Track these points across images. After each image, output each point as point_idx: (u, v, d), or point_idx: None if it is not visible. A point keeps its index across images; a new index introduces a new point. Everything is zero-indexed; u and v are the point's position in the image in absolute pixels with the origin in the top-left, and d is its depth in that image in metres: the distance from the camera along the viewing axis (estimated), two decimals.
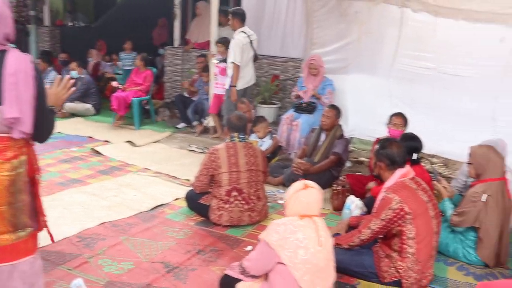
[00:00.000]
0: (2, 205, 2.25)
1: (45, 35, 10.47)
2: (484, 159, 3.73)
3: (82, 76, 8.40)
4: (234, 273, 2.86)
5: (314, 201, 2.76)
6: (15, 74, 2.17)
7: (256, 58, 6.60)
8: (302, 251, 2.63)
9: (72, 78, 7.71)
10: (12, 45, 2.34)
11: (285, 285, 2.67)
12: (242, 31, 6.37)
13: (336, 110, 5.35)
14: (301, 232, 2.66)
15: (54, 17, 11.39)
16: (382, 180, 3.46)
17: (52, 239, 2.60)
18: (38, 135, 2.34)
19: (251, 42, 6.42)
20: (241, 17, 6.40)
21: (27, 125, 2.22)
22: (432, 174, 4.42)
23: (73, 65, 8.47)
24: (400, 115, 4.91)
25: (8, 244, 2.29)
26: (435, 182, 4.16)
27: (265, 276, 2.79)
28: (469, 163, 3.86)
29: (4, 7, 2.24)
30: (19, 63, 2.20)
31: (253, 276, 2.81)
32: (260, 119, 5.93)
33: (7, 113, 2.16)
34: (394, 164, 3.32)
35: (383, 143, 3.45)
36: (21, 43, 9.62)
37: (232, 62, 6.31)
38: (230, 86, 6.43)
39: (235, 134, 4.19)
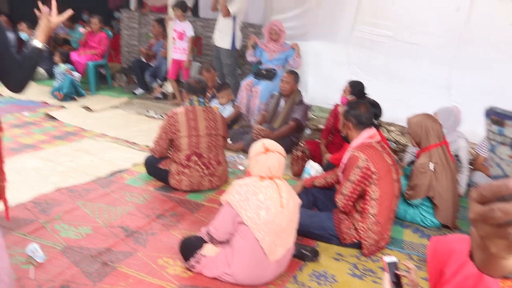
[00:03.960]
0: None
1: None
2: (420, 127, 3.82)
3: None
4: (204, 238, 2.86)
5: (275, 165, 2.76)
6: None
7: None
8: (264, 212, 2.65)
9: (22, 41, 7.39)
10: None
11: (246, 245, 2.69)
12: None
13: (294, 75, 5.35)
14: (262, 193, 2.68)
15: None
16: (348, 142, 3.52)
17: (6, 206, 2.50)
18: (12, 86, 2.21)
19: None
20: None
21: None
22: None
23: (23, 26, 8.10)
24: (349, 83, 4.95)
25: None
26: None
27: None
28: (408, 133, 3.98)
29: None
30: None
31: (221, 243, 2.81)
32: (224, 85, 5.88)
33: None
34: (361, 124, 3.39)
35: (352, 104, 3.52)
36: None
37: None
38: (234, 47, 6.51)
39: (194, 98, 4.13)
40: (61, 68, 7.13)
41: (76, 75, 7.07)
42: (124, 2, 9.76)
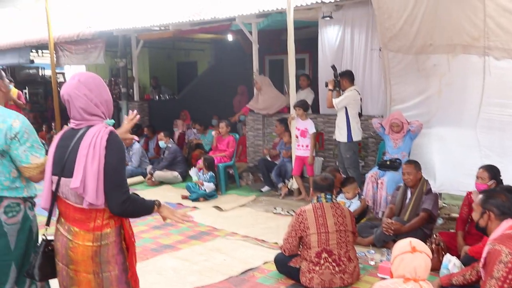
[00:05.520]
0: (88, 273, 2.40)
1: (134, 109, 11.21)
2: None
3: (169, 145, 8.87)
4: None
5: (421, 266, 2.63)
6: (87, 146, 2.32)
7: (360, 115, 6.87)
8: None
9: (160, 148, 8.17)
10: (110, 121, 2.52)
11: None
12: (355, 89, 6.73)
13: (413, 164, 5.22)
14: None
15: (142, 92, 12.28)
16: (485, 233, 3.30)
17: None
18: (109, 206, 2.38)
19: (360, 99, 6.82)
20: (349, 77, 6.79)
21: (90, 196, 2.30)
22: None
23: (161, 135, 8.98)
24: (485, 168, 4.68)
25: None
26: None
27: None
28: None
29: (81, 88, 2.41)
30: (94, 136, 2.34)
31: None
32: (349, 179, 5.93)
33: (71, 183, 2.32)
34: (504, 215, 3.19)
35: (489, 193, 3.34)
36: (114, 118, 10.37)
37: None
38: (350, 139, 6.69)
39: (322, 195, 4.20)
40: (193, 179, 7.70)
41: (208, 185, 7.56)
42: None
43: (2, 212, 2.75)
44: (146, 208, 2.52)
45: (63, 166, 2.39)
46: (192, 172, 8.05)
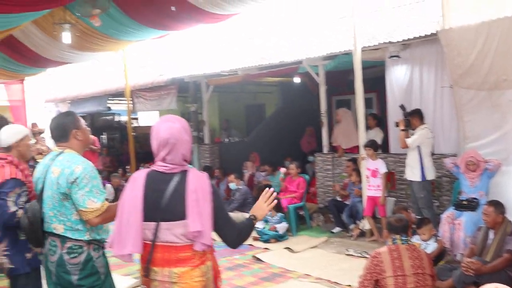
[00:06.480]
0: None
1: (205, 152, 11.58)
2: None
3: (240, 187, 9.03)
4: None
5: None
6: (195, 191, 2.45)
7: (432, 154, 6.78)
8: None
9: (230, 190, 8.31)
10: (190, 165, 2.65)
11: None
12: (426, 127, 6.68)
13: (494, 206, 5.00)
14: None
15: (212, 135, 12.64)
16: None
17: None
18: (227, 242, 2.56)
19: (433, 137, 6.77)
20: (419, 116, 6.75)
21: (207, 238, 2.43)
22: None
23: (231, 177, 9.18)
24: None
25: None
26: None
27: None
28: None
29: (183, 133, 2.56)
30: (198, 181, 2.48)
31: None
32: (424, 220, 5.78)
33: (191, 227, 2.41)
34: None
35: None
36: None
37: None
38: (424, 178, 6.59)
39: (397, 236, 4.12)
40: (266, 227, 7.73)
41: (281, 226, 7.62)
42: (317, 146, 10.49)
43: (65, 252, 2.95)
44: (250, 228, 2.70)
45: (162, 211, 2.47)
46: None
